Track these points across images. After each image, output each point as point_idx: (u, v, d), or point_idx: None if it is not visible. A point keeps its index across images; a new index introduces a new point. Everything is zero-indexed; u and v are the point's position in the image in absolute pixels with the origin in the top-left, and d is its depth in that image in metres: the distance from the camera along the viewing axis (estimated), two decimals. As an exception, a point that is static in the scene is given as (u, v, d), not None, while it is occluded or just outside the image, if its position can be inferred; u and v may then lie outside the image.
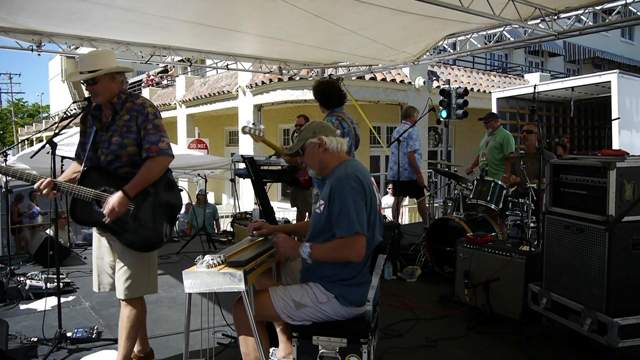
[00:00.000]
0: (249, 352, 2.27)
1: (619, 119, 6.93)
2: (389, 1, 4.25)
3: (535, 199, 4.84)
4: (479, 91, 13.11)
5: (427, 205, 6.53)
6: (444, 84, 9.44)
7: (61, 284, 3.70)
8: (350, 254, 2.22)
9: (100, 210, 2.52)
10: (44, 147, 2.93)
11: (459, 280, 4.13)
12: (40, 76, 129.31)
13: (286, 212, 9.46)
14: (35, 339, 3.32)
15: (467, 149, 14.84)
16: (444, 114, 8.63)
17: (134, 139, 2.59)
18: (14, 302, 4.19)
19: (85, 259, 5.89)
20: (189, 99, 15.23)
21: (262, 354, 2.17)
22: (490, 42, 5.95)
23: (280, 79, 10.65)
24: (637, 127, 7.48)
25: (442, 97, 8.70)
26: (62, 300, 3.61)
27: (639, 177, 2.84)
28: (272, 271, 2.59)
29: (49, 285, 4.31)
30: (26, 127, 38.18)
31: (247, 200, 11.45)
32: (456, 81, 12.75)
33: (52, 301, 3.79)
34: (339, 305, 2.29)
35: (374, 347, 2.39)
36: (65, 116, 3.05)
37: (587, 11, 4.70)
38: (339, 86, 4.19)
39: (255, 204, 7.05)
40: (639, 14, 4.41)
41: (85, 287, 4.62)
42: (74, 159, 2.83)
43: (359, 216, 2.21)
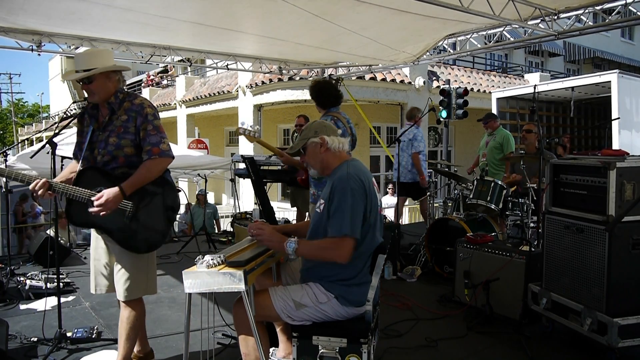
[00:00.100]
0: (249, 352, 2.27)
1: (619, 119, 6.93)
2: (388, 1, 4.25)
3: (535, 199, 4.84)
4: (479, 91, 13.12)
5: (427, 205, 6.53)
6: (444, 84, 9.45)
7: (61, 284, 3.71)
8: (335, 254, 2.21)
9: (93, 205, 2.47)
10: (44, 147, 2.94)
11: (459, 280, 4.13)
12: (40, 76, 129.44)
13: (286, 212, 9.47)
14: (35, 339, 3.33)
15: (467, 149, 14.85)
16: (444, 114, 8.63)
17: (131, 140, 2.55)
18: (14, 302, 4.19)
19: (85, 259, 5.89)
20: (189, 99, 15.23)
21: (262, 354, 2.17)
22: (490, 42, 5.95)
23: (280, 79, 10.65)
24: (637, 127, 7.48)
25: (442, 97, 8.70)
26: (62, 300, 3.61)
27: (639, 177, 2.84)
28: (272, 271, 2.59)
29: (49, 285, 4.31)
30: (26, 127, 38.18)
31: (247, 200, 11.46)
32: (456, 81, 12.76)
33: (52, 301, 3.80)
34: (339, 305, 2.28)
35: (374, 347, 2.39)
36: (65, 116, 3.02)
37: (587, 11, 4.70)
38: (335, 86, 4.19)
39: (255, 204, 7.05)
40: (639, 14, 4.41)
41: (85, 287, 4.61)
42: (72, 158, 2.80)
43: (353, 219, 2.20)
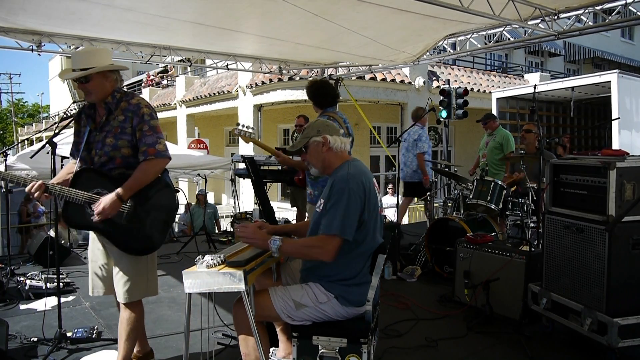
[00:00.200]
0: (249, 352, 2.27)
1: (619, 119, 6.94)
2: (388, 0, 4.25)
3: (535, 199, 4.84)
4: (479, 91, 13.12)
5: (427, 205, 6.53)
6: (444, 84, 9.44)
7: (61, 284, 3.70)
8: (320, 252, 2.20)
9: (92, 212, 2.45)
10: (44, 147, 2.93)
11: (459, 280, 4.12)
12: (40, 76, 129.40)
13: (286, 212, 9.48)
14: (35, 339, 3.33)
15: (467, 149, 14.85)
16: (444, 114, 8.62)
17: (128, 141, 2.52)
18: (14, 302, 4.19)
19: (85, 258, 5.88)
20: (189, 99, 15.24)
21: (262, 354, 2.17)
22: (490, 42, 5.95)
23: (280, 79, 10.66)
24: (637, 127, 7.49)
25: (442, 97, 8.69)
26: (62, 300, 3.61)
27: (639, 177, 2.84)
28: (272, 271, 2.59)
29: (49, 285, 4.31)
30: (26, 127, 38.19)
31: (247, 200, 11.47)
32: (456, 81, 12.76)
33: (52, 301, 3.80)
34: (338, 305, 2.28)
35: (374, 347, 2.39)
36: (65, 116, 3.00)
37: (587, 11, 4.70)
38: (332, 86, 4.19)
39: (255, 204, 7.06)
40: (639, 14, 4.41)
41: (85, 287, 4.57)
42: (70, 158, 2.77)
43: (345, 219, 2.19)
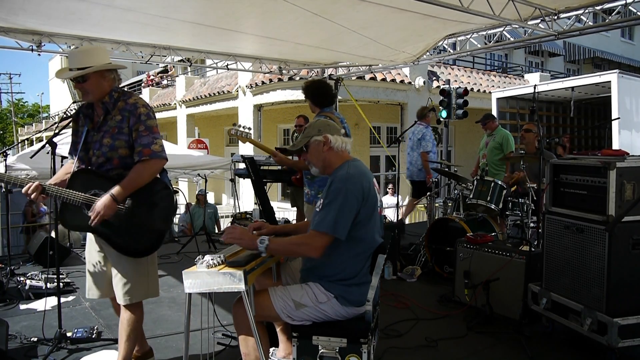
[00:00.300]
0: (249, 352, 2.27)
1: (619, 119, 6.94)
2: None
3: (535, 199, 4.84)
4: (479, 91, 13.12)
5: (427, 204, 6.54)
6: (444, 84, 9.45)
7: (61, 284, 3.70)
8: (307, 249, 2.22)
9: (90, 214, 2.43)
10: (44, 147, 2.94)
11: (459, 280, 4.13)
12: (40, 76, 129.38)
13: (286, 212, 9.47)
14: (35, 339, 3.33)
15: (467, 149, 14.85)
16: (444, 114, 8.63)
17: (125, 141, 2.48)
18: (14, 302, 4.19)
19: (85, 259, 5.88)
20: (189, 99, 15.24)
21: (262, 354, 2.17)
22: (490, 42, 5.94)
23: (280, 79, 10.65)
24: (637, 127, 7.49)
25: (442, 97, 8.70)
26: (62, 300, 3.60)
27: (639, 177, 2.84)
28: (272, 271, 2.59)
29: (49, 285, 4.31)
30: (26, 127, 38.18)
31: (247, 200, 11.47)
32: (456, 81, 12.76)
33: (52, 301, 3.80)
34: (338, 305, 2.28)
35: (374, 347, 2.39)
36: (65, 116, 2.99)
37: (587, 11, 4.70)
38: (331, 86, 4.20)
39: (255, 204, 7.06)
40: (639, 14, 4.41)
41: (85, 287, 4.60)
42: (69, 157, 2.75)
43: (338, 218, 2.18)
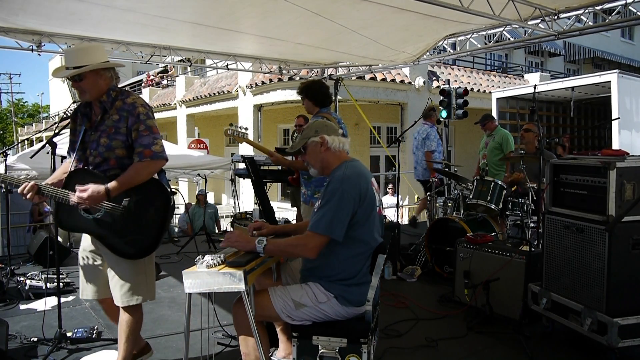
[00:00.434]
0: (249, 352, 2.27)
1: (619, 119, 6.94)
2: (388, -1, 4.25)
3: (535, 199, 4.84)
4: (479, 91, 13.13)
5: (427, 204, 6.54)
6: (444, 84, 9.44)
7: (61, 284, 3.70)
8: (303, 250, 2.24)
9: (86, 215, 2.41)
10: (44, 147, 2.94)
11: (459, 280, 4.12)
12: (40, 76, 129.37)
13: (286, 212, 9.47)
14: (35, 339, 3.33)
15: (467, 149, 14.85)
16: (444, 114, 8.62)
17: (122, 142, 2.44)
18: (14, 302, 4.19)
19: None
20: (189, 99, 15.24)
21: (262, 354, 2.17)
22: (490, 42, 5.95)
23: (280, 79, 10.66)
24: (637, 127, 7.49)
25: (442, 97, 8.69)
26: (62, 300, 3.60)
27: (639, 177, 2.84)
28: (272, 271, 2.59)
29: (49, 285, 4.31)
30: (26, 127, 38.21)
31: (247, 200, 11.47)
32: (456, 81, 12.77)
33: (52, 301, 3.80)
34: (338, 305, 2.28)
35: (374, 347, 2.38)
36: (65, 116, 2.99)
37: (587, 11, 4.70)
38: (328, 86, 4.21)
39: (255, 204, 7.05)
40: (639, 14, 4.41)
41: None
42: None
43: (333, 219, 2.19)
